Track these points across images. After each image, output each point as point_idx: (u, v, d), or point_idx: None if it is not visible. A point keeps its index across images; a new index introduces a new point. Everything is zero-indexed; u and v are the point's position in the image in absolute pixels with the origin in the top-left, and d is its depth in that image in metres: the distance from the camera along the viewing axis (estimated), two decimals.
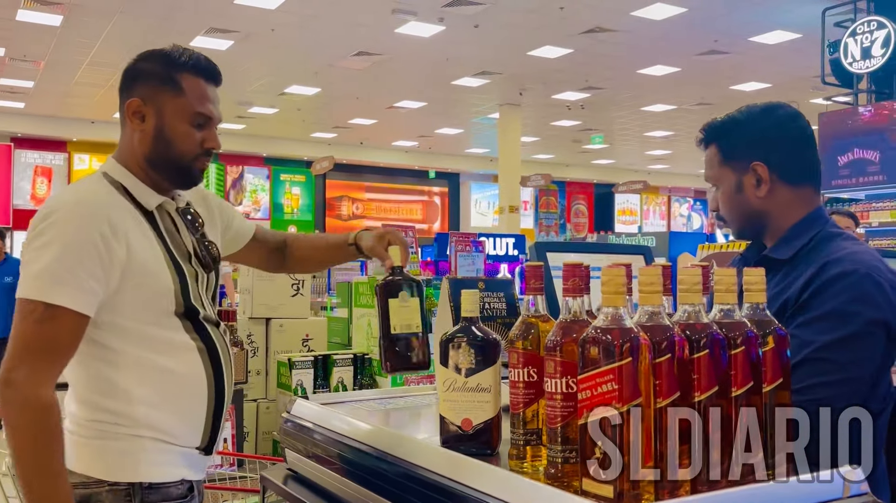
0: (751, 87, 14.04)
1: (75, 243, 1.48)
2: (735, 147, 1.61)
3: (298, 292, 3.37)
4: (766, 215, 1.59)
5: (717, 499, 0.90)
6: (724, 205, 1.64)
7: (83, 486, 1.53)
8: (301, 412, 1.66)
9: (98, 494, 1.53)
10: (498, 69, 13.17)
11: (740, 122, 1.62)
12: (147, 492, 1.55)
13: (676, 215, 27.04)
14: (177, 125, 1.61)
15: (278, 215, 20.87)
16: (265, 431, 3.12)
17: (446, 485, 1.14)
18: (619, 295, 0.93)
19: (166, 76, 1.62)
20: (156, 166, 1.63)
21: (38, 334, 1.44)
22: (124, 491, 1.54)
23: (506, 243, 8.53)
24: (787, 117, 1.61)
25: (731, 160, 1.61)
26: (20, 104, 15.88)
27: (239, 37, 11.35)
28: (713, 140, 1.65)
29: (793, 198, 1.59)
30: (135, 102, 1.62)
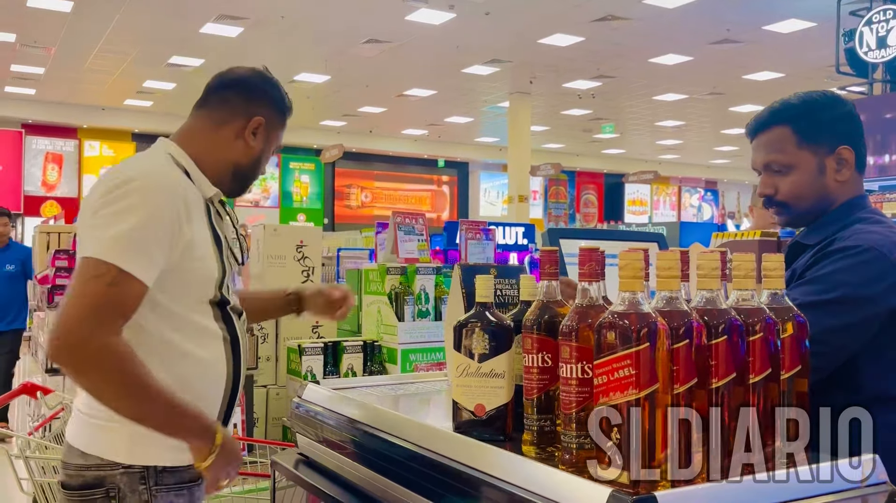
0: (764, 77, 13.92)
1: (156, 215, 1.50)
2: (820, 129, 1.56)
3: (309, 279, 3.37)
4: (834, 200, 1.57)
5: (734, 486, 0.89)
6: (796, 188, 1.57)
7: (97, 469, 1.55)
8: (312, 397, 1.66)
9: (112, 477, 1.55)
10: (508, 57, 13.11)
11: (823, 104, 1.58)
12: (161, 475, 1.57)
13: (687, 206, 26.93)
14: (269, 152, 1.78)
15: (287, 203, 20.90)
16: (275, 417, 3.12)
17: (459, 471, 1.13)
18: (636, 279, 0.92)
19: (283, 109, 1.78)
20: (236, 176, 1.73)
21: (107, 296, 1.44)
22: (139, 474, 1.55)
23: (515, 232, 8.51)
24: (853, 105, 1.62)
25: (814, 142, 1.56)
26: (31, 91, 15.93)
27: (249, 23, 11.33)
28: (786, 122, 1.57)
29: (856, 183, 1.59)
30: (260, 121, 1.72)
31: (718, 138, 20.44)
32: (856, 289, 1.39)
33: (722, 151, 22.82)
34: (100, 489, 1.55)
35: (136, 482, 1.55)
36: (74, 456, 1.58)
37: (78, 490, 1.56)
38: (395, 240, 3.31)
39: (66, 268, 4.27)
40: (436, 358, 2.95)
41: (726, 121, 18.07)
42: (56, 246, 4.74)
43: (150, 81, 15.09)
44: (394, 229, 3.32)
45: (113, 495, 1.54)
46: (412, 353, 2.91)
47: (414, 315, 2.97)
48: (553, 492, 0.94)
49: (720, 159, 24.47)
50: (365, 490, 1.42)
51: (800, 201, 1.58)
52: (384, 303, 2.99)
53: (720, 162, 25.01)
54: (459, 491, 1.13)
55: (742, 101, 15.70)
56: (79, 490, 1.55)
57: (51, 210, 17.14)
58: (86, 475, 1.55)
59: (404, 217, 3.42)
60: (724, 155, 23.44)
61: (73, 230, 4.88)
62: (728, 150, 22.43)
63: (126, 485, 1.55)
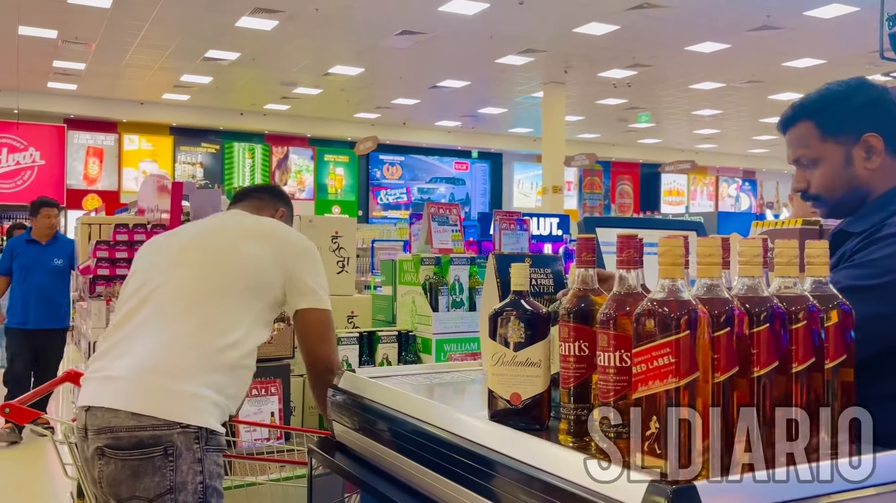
0: (804, 64, 13.61)
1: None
2: (841, 120, 1.55)
3: (344, 269, 3.39)
4: (869, 189, 1.54)
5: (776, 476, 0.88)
6: (826, 181, 1.56)
7: (153, 429, 1.66)
8: (349, 385, 1.67)
9: (170, 436, 1.68)
10: (543, 47, 13.00)
11: (841, 95, 1.56)
12: (210, 436, 1.74)
13: (724, 196, 26.51)
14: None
15: (322, 195, 21.04)
16: (311, 406, 3.15)
17: (495, 459, 1.13)
18: (676, 266, 0.91)
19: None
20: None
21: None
22: (194, 433, 1.71)
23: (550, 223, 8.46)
24: (884, 90, 1.58)
25: (837, 134, 1.55)
26: (73, 86, 16.23)
27: (284, 17, 11.40)
28: (808, 117, 1.58)
29: (892, 169, 1.54)
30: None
31: (757, 127, 20.05)
32: None
33: (760, 141, 22.39)
34: (157, 447, 1.68)
35: (191, 441, 1.70)
36: (124, 418, 1.69)
37: (133, 449, 1.68)
38: (430, 230, 3.31)
39: (108, 259, 4.35)
40: (470, 348, 2.95)
41: (765, 109, 17.71)
42: (97, 237, 4.83)
43: (187, 75, 15.27)
44: (428, 220, 3.32)
45: (171, 452, 1.68)
46: (446, 343, 2.91)
47: (448, 305, 2.98)
48: (590, 481, 0.93)
49: (758, 148, 24.01)
50: (401, 478, 1.42)
51: (832, 193, 1.57)
52: (418, 294, 2.99)
53: (758, 151, 24.54)
54: (494, 479, 1.13)
55: (781, 89, 15.36)
56: (135, 449, 1.68)
57: (92, 203, 17.49)
58: (140, 435, 1.68)
59: (438, 208, 3.42)
60: (763, 144, 23.00)
61: (112, 221, 4.97)
62: (767, 140, 21.99)
63: (183, 443, 1.69)
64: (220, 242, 2.01)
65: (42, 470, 5.02)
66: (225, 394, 1.82)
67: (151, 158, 18.82)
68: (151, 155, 18.90)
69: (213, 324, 1.85)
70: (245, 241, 1.99)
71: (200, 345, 1.82)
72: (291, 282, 1.97)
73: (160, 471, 1.68)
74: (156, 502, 1.69)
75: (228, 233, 2.04)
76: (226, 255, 1.96)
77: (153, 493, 1.68)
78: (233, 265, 1.94)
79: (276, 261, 1.97)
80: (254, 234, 2.02)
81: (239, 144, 19.80)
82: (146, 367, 1.78)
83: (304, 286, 1.98)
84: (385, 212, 21.76)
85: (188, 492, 1.70)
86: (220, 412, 1.82)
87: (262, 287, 1.94)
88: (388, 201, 22.13)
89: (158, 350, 1.81)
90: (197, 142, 19.42)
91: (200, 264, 1.95)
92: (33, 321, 5.86)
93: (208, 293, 1.89)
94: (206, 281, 1.91)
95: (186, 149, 19.32)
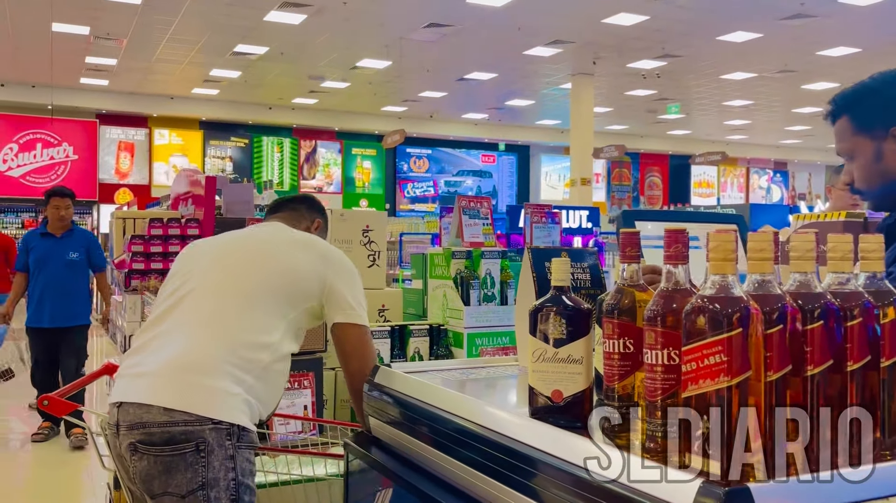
0: (838, 53, 13.34)
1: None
2: (871, 115, 1.55)
3: (375, 263, 3.39)
4: None
5: (834, 480, 0.85)
6: (861, 176, 1.57)
7: (185, 424, 1.67)
8: (384, 380, 1.66)
9: (202, 431, 1.68)
10: (571, 38, 12.89)
11: (873, 89, 1.56)
12: (242, 433, 1.73)
13: (755, 187, 26.14)
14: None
15: (350, 189, 21.12)
16: (343, 399, 3.15)
17: (536, 457, 1.11)
18: (728, 261, 0.88)
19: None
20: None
21: (372, 343, 2.07)
22: (226, 430, 1.70)
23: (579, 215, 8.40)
24: None
25: (868, 129, 1.55)
26: (104, 82, 16.46)
27: (312, 10, 11.43)
28: (844, 111, 1.58)
29: None
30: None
31: (789, 117, 19.72)
32: None
33: (792, 131, 22.01)
34: (189, 443, 1.67)
35: (223, 437, 1.69)
36: (156, 414, 1.69)
37: (165, 445, 1.67)
38: (461, 224, 3.29)
39: (143, 253, 4.40)
40: (501, 342, 2.93)
41: (798, 99, 17.40)
42: (132, 231, 4.88)
43: (216, 70, 15.40)
44: (458, 213, 3.31)
45: (202, 448, 1.67)
46: (478, 338, 2.90)
47: (479, 299, 2.96)
48: (637, 481, 0.91)
49: (790, 139, 23.62)
50: (437, 473, 1.41)
51: (869, 186, 1.57)
52: (450, 288, 2.98)
53: (790, 142, 24.14)
54: (535, 477, 1.12)
55: (815, 79, 15.08)
56: (167, 445, 1.67)
57: (124, 197, 17.74)
58: (172, 431, 1.67)
59: (469, 201, 3.40)
60: (795, 135, 22.61)
61: (146, 216, 5.02)
62: (799, 130, 21.61)
63: (214, 439, 1.68)
64: (261, 248, 2.02)
65: (79, 462, 5.11)
66: (256, 396, 1.82)
67: (181, 153, 19.03)
68: (181, 149, 19.11)
69: (248, 325, 1.85)
70: (286, 249, 2.00)
71: (233, 345, 1.82)
72: (330, 294, 1.97)
73: (192, 467, 1.68)
74: (188, 498, 1.69)
75: (269, 240, 2.06)
76: (265, 261, 1.97)
77: (185, 489, 1.68)
78: (272, 270, 1.95)
79: (316, 271, 1.97)
80: (294, 243, 2.04)
81: (267, 138, 19.94)
82: (179, 364, 1.78)
83: (342, 299, 1.98)
84: (412, 205, 21.79)
85: (220, 489, 1.70)
86: (251, 411, 1.81)
87: (299, 295, 1.94)
88: (415, 194, 22.16)
89: (191, 347, 1.81)
90: (226, 136, 19.60)
91: (239, 268, 1.96)
92: (48, 319, 5.43)
93: (245, 296, 1.90)
94: (244, 284, 1.92)
95: (216, 143, 19.51)
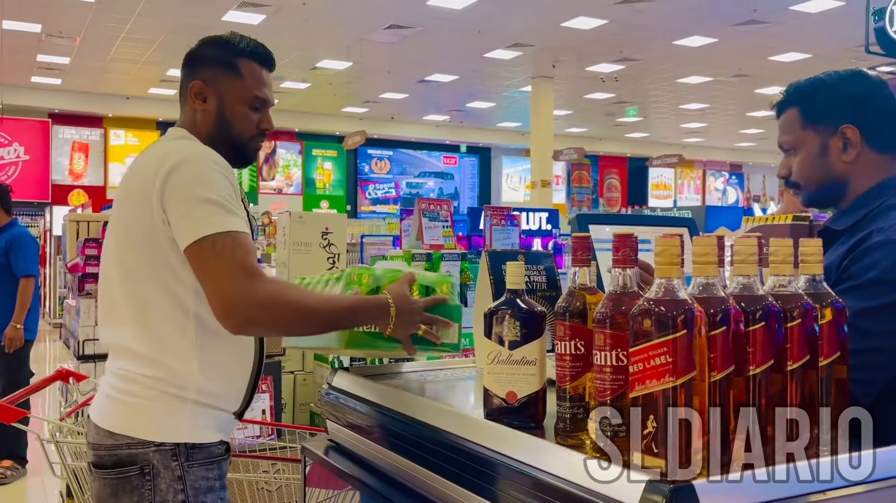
0: (790, 58, 13.68)
1: (225, 183, 1.60)
2: (823, 109, 1.54)
3: (334, 265, 3.38)
4: (846, 181, 1.53)
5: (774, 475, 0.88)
6: (802, 169, 1.56)
7: (129, 447, 1.59)
8: (342, 383, 1.67)
9: (145, 454, 1.59)
10: (531, 41, 13.00)
11: (828, 84, 1.55)
12: (192, 451, 1.61)
13: (711, 189, 26.64)
14: (236, 107, 1.74)
15: (310, 190, 20.98)
16: (302, 403, 3.15)
17: (491, 458, 1.13)
18: (673, 265, 0.91)
19: (227, 61, 1.75)
20: (215, 144, 1.71)
21: (237, 258, 1.52)
22: (171, 450, 1.60)
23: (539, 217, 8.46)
24: (877, 83, 1.56)
25: (816, 122, 1.54)
26: (57, 80, 16.10)
27: (270, 11, 11.34)
28: (794, 103, 1.57)
29: (876, 164, 1.52)
30: (197, 84, 1.74)
31: (743, 121, 20.17)
32: None
33: (747, 134, 22.52)
34: (134, 467, 1.59)
35: (168, 459, 1.59)
36: (103, 436, 1.62)
37: (112, 468, 1.60)
38: (420, 226, 3.30)
39: (97, 257, 4.32)
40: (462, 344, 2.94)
41: (752, 103, 17.80)
42: (86, 234, 4.79)
43: (173, 70, 15.16)
44: (418, 216, 3.32)
45: (147, 472, 1.59)
46: None
47: None
48: (588, 480, 0.94)
49: (745, 142, 24.14)
50: (395, 476, 1.42)
51: (808, 182, 1.57)
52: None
53: (745, 145, 24.68)
54: (490, 477, 1.13)
55: (768, 83, 15.44)
56: (113, 468, 1.60)
57: (78, 199, 17.36)
58: (119, 454, 1.59)
59: (429, 203, 3.42)
60: (750, 138, 23.13)
61: (101, 218, 4.93)
62: (753, 133, 22.12)
63: (159, 461, 1.59)
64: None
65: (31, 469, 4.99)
66: (201, 392, 1.60)
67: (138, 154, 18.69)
68: (138, 150, 18.70)
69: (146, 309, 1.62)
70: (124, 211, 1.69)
71: (147, 342, 1.61)
72: (168, 222, 1.58)
73: (138, 491, 1.59)
74: None
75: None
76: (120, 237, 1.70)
77: None
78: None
79: (147, 204, 1.59)
80: (125, 194, 1.69)
81: None
82: (108, 379, 1.66)
83: (175, 214, 1.56)
84: (373, 206, 21.74)
85: None
86: (205, 420, 1.62)
87: (153, 250, 1.61)
88: (376, 196, 22.11)
89: (122, 350, 1.66)
90: None
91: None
92: None
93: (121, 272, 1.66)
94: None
95: None
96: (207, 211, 1.54)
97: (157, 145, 1.74)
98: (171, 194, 1.57)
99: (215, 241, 1.52)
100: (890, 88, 1.55)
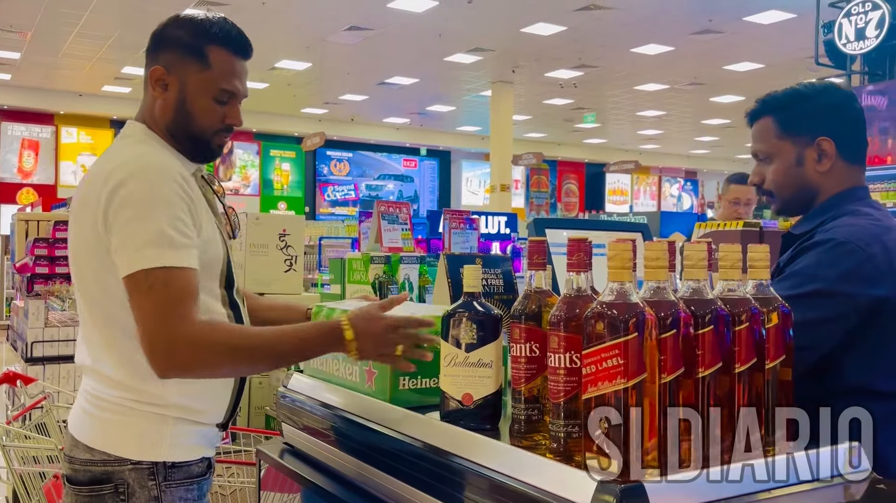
0: (744, 67, 14.00)
1: (169, 202, 1.44)
2: (799, 120, 1.58)
3: (291, 268, 3.36)
4: (818, 191, 1.57)
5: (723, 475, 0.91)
6: (776, 178, 1.59)
7: (103, 464, 1.50)
8: (297, 386, 1.66)
9: (121, 472, 1.50)
10: (491, 46, 13.08)
11: (805, 95, 1.59)
12: (170, 470, 1.52)
13: (667, 195, 27.09)
14: (199, 99, 1.56)
15: (268, 191, 20.76)
16: (257, 406, 3.12)
17: (447, 460, 1.14)
18: (625, 269, 0.93)
19: (194, 47, 1.57)
20: (175, 137, 1.58)
21: (170, 296, 1.40)
22: (148, 469, 1.51)
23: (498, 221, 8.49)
24: (849, 95, 1.62)
25: (793, 133, 1.58)
26: (6, 76, 15.66)
27: (229, 10, 11.20)
28: (769, 112, 1.60)
29: (845, 174, 1.57)
30: (158, 70, 1.57)
31: (699, 128, 20.56)
32: (831, 283, 1.39)
33: (702, 142, 22.96)
34: (108, 485, 1.50)
35: (144, 478, 1.50)
36: (80, 450, 1.53)
37: (86, 485, 1.51)
38: (379, 229, 3.30)
39: (46, 257, 4.22)
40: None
41: (707, 111, 18.16)
42: (35, 234, 4.67)
43: (128, 67, 14.88)
44: (377, 218, 3.31)
45: (122, 491, 1.50)
46: None
47: None
48: (541, 480, 0.95)
49: (700, 149, 24.62)
50: (351, 479, 1.42)
51: (782, 190, 1.60)
52: (368, 293, 2.98)
53: (700, 152, 25.16)
54: (446, 479, 1.14)
55: (722, 92, 15.77)
56: (87, 485, 1.51)
57: (27, 197, 16.91)
58: (93, 470, 1.51)
59: (388, 206, 3.41)
60: (705, 145, 23.59)
61: (51, 217, 4.82)
62: (708, 141, 22.56)
63: (135, 480, 1.50)
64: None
65: None
66: (183, 409, 1.51)
67: (91, 152, 18.28)
68: (91, 148, 18.36)
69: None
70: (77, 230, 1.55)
71: (121, 368, 1.51)
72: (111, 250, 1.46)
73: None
74: None
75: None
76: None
77: None
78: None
79: (93, 230, 1.47)
80: (79, 207, 1.54)
81: None
82: (85, 397, 1.57)
83: (115, 242, 1.44)
84: (332, 208, 21.60)
85: None
86: (187, 437, 1.53)
87: (112, 273, 1.47)
88: (335, 198, 21.98)
89: (93, 372, 1.56)
90: None
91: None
92: None
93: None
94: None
95: None
96: (144, 241, 1.40)
97: (110, 152, 1.59)
98: (113, 219, 1.43)
99: (147, 275, 1.39)
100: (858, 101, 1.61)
